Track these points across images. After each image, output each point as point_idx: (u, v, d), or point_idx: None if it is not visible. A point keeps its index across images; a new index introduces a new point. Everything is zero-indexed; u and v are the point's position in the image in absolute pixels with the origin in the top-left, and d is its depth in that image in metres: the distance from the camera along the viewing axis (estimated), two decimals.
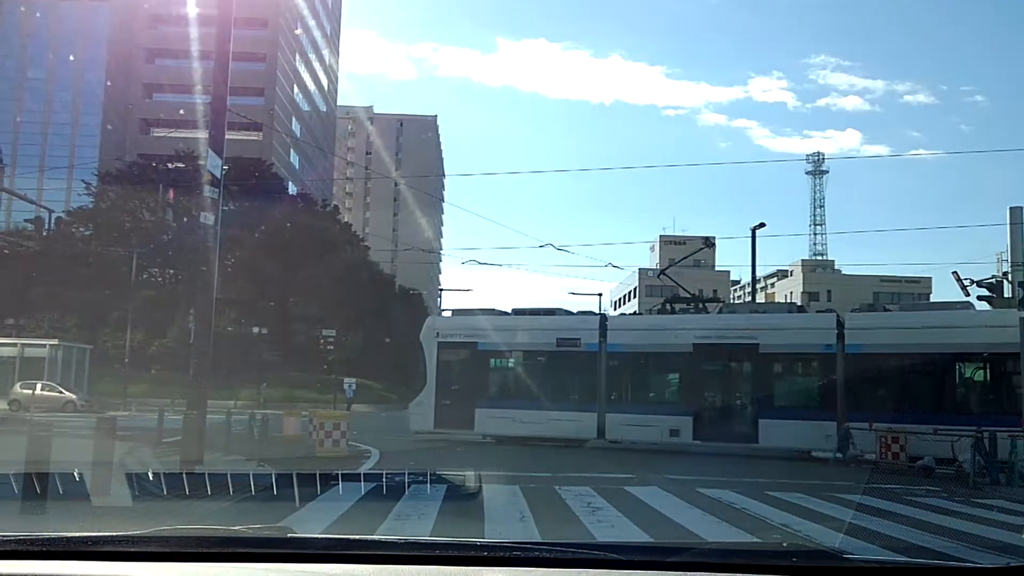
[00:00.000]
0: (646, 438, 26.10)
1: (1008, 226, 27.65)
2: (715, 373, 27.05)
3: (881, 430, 21.86)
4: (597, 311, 31.13)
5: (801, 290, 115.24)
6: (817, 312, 28.34)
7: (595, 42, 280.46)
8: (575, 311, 31.13)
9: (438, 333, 29.38)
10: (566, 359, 28.13)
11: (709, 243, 30.42)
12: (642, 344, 27.39)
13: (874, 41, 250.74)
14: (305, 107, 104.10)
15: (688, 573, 2.15)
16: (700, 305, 29.76)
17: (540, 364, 28.78)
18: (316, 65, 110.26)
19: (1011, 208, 27.54)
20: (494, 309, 30.28)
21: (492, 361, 29.25)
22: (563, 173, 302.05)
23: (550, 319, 29.09)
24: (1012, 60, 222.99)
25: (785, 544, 2.84)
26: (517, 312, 29.73)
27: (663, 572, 2.17)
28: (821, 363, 25.20)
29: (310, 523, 10.40)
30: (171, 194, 42.08)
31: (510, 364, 29.18)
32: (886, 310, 27.15)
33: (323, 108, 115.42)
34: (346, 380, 49.85)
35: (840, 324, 25.14)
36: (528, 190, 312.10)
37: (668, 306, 30.02)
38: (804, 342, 25.48)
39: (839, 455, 23.11)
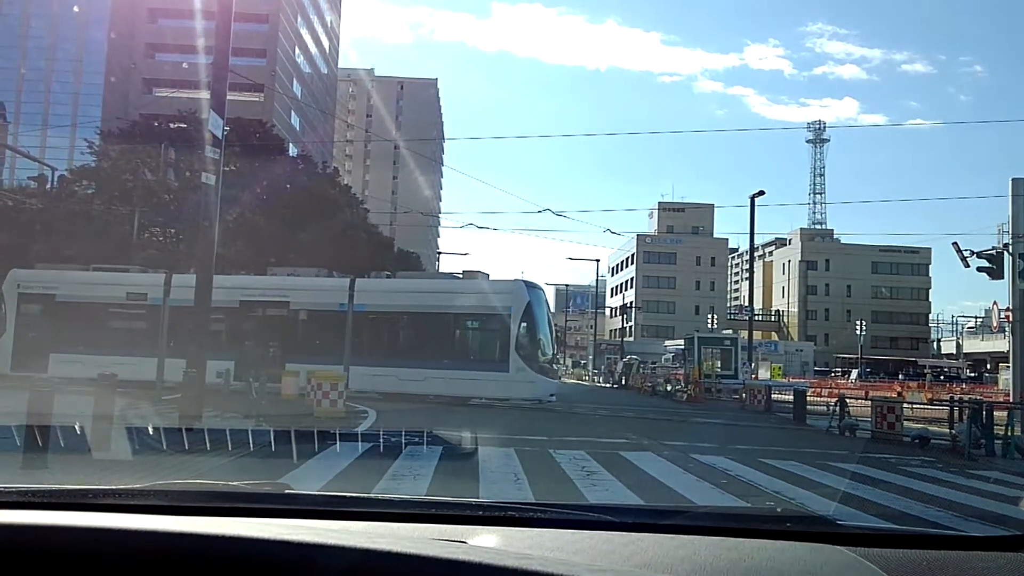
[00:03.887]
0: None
1: (1009, 197, 27.50)
2: (255, 325, 30.40)
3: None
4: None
5: (799, 259, 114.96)
6: (337, 277, 31.94)
7: (590, 7, 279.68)
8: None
9: (19, 284, 32.09)
10: (134, 312, 31.52)
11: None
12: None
13: (871, 9, 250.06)
14: (306, 69, 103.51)
15: (681, 536, 2.17)
16: None
17: (112, 315, 31.85)
18: (317, 26, 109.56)
19: (1013, 179, 27.35)
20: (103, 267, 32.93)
21: (68, 311, 31.40)
22: (561, 138, 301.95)
23: (121, 275, 32.28)
24: (1011, 30, 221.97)
25: (779, 510, 2.85)
26: (96, 268, 32.29)
27: (656, 535, 2.19)
28: (336, 318, 29.58)
29: (308, 480, 10.48)
30: (172, 154, 41.88)
31: (85, 315, 31.23)
32: (389, 277, 32.02)
33: (324, 70, 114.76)
34: None
35: (352, 287, 29.59)
36: (526, 155, 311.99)
37: None
38: (325, 301, 30.21)
39: (832, 426, 23.35)
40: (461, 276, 31.76)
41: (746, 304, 56.16)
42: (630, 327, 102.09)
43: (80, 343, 29.90)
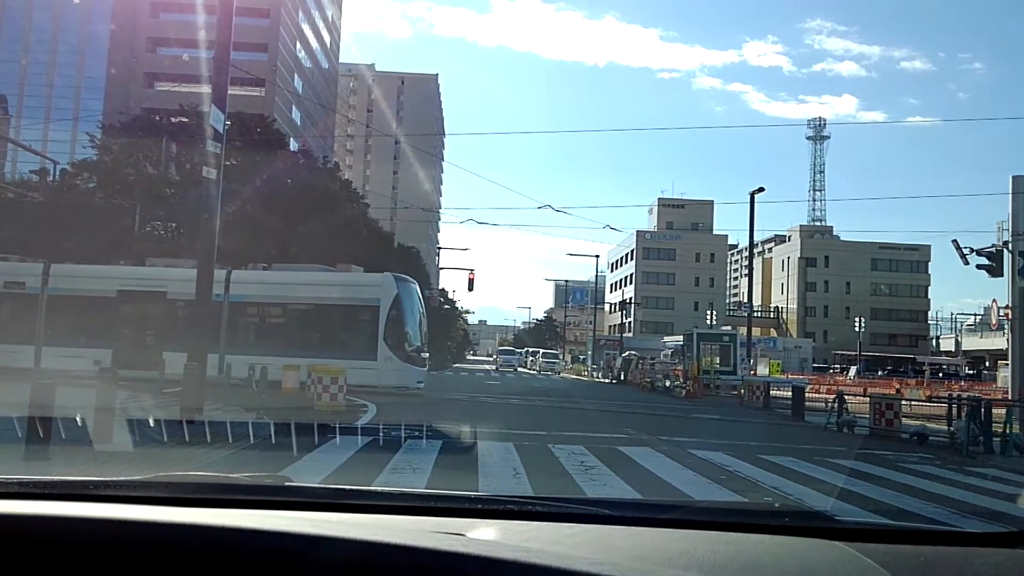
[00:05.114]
0: (76, 367, 27.08)
1: (1010, 195, 27.45)
2: (133, 314, 31.29)
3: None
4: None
5: (799, 255, 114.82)
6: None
7: (588, 3, 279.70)
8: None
9: None
10: (12, 300, 31.90)
11: None
12: (78, 288, 31.18)
13: (870, 6, 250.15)
14: (307, 64, 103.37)
15: (679, 530, 2.17)
16: None
17: None
18: (318, 21, 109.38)
19: (1013, 177, 27.27)
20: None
21: None
22: (561, 134, 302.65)
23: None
24: (1011, 28, 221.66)
25: (777, 505, 2.87)
26: None
27: (654, 529, 2.19)
28: (213, 308, 28.84)
29: (308, 473, 10.47)
30: (174, 148, 41.87)
31: None
32: (265, 269, 32.44)
33: (325, 65, 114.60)
34: None
35: (228, 278, 30.03)
36: (526, 150, 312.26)
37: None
38: None
39: (831, 422, 23.39)
40: (335, 269, 32.50)
41: (745, 300, 56.21)
42: (629, 323, 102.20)
43: None
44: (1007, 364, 32.79)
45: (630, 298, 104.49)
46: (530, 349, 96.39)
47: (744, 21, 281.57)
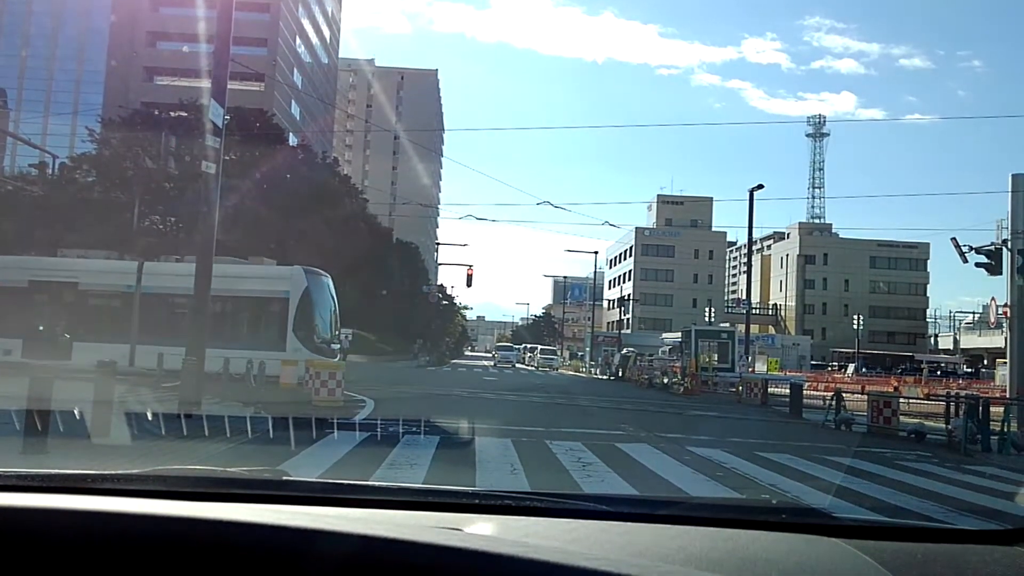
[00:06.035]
0: None
1: (1009, 193, 27.42)
2: (44, 305, 31.27)
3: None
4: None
5: (797, 252, 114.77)
6: (125, 261, 32.65)
7: None
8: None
9: None
10: None
11: None
12: None
13: (869, 3, 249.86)
14: (307, 59, 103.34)
15: (676, 526, 2.17)
16: None
17: None
18: (318, 16, 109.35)
19: (1013, 175, 27.22)
20: None
21: None
22: (560, 130, 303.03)
23: None
24: (1010, 25, 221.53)
25: (774, 502, 2.86)
26: None
27: (651, 525, 2.19)
28: (124, 299, 30.42)
29: (305, 468, 10.48)
30: (173, 142, 41.91)
31: None
32: (178, 261, 31.59)
33: (325, 60, 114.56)
34: (342, 330, 50.15)
35: (140, 269, 30.47)
36: (525, 147, 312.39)
37: None
38: (113, 283, 30.76)
39: (828, 420, 23.41)
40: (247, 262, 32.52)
41: (744, 297, 56.17)
42: (628, 319, 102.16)
43: None
44: (1005, 362, 32.81)
45: (629, 294, 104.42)
46: (528, 345, 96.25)
47: (743, 18, 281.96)
